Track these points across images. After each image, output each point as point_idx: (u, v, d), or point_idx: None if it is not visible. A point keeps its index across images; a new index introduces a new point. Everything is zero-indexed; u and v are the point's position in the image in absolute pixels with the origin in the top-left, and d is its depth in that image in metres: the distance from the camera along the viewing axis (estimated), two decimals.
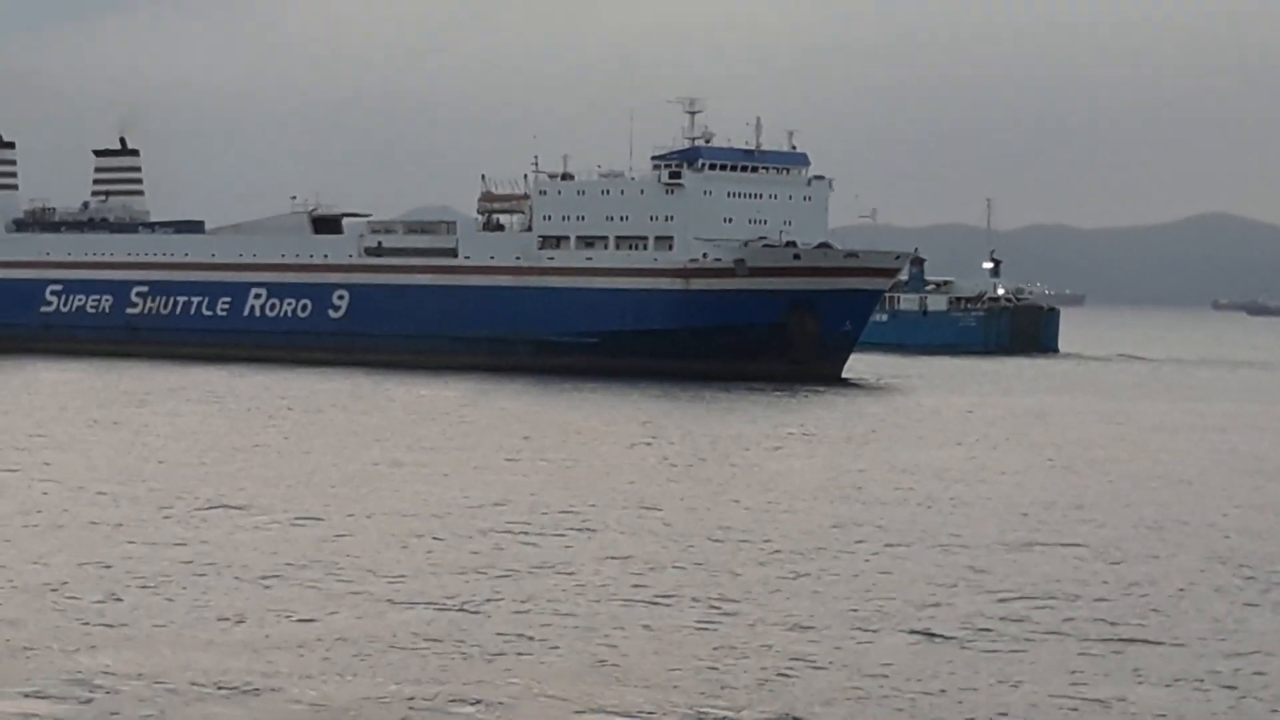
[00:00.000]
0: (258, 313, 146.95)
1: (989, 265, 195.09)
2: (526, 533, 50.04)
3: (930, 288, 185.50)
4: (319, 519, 52.05)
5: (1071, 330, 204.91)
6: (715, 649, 35.54)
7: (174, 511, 53.07)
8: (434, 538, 48.82)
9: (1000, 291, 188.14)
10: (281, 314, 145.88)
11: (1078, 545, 49.64)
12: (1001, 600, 41.13)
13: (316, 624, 37.24)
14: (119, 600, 39.42)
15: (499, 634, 36.51)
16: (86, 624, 36.84)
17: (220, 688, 31.81)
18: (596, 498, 57.78)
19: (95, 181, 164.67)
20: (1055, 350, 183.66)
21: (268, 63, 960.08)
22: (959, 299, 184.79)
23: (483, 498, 57.29)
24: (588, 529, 51.16)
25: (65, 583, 41.18)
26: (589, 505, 55.86)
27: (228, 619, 37.57)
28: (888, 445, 79.16)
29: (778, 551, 47.74)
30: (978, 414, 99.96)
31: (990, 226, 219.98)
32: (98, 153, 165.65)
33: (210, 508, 53.90)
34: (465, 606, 39.25)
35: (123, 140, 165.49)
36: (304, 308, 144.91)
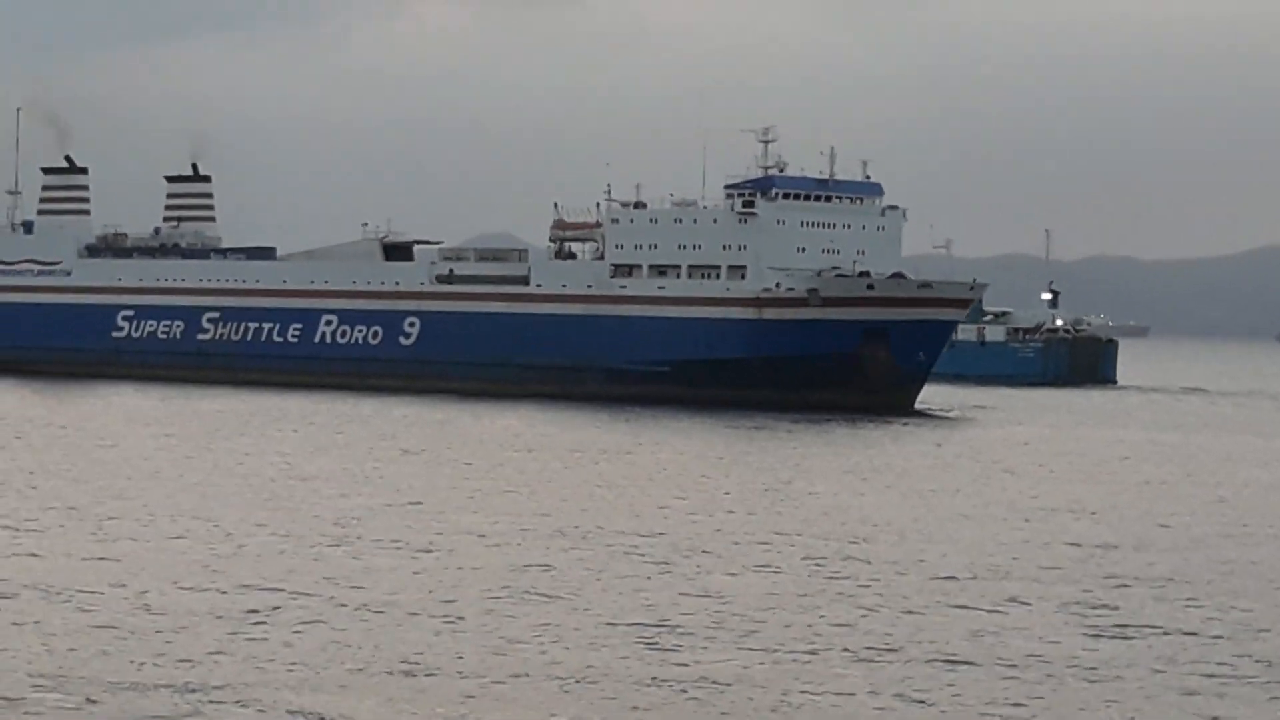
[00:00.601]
0: (329, 339, 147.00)
1: (1047, 296, 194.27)
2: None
3: (988, 318, 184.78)
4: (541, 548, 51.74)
5: (1134, 362, 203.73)
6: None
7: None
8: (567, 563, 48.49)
9: (1059, 322, 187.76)
10: (352, 341, 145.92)
11: None
12: None
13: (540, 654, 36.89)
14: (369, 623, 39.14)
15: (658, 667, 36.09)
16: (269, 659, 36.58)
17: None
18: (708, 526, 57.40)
19: (167, 207, 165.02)
20: (1114, 382, 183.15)
21: (338, 88, 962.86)
22: (1017, 329, 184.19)
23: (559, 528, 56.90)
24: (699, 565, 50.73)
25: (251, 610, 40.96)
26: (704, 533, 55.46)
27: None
28: (1026, 480, 78.01)
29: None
30: (1080, 447, 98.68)
31: (1049, 257, 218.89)
32: (170, 179, 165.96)
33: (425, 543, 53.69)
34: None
35: (194, 166, 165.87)
36: (375, 335, 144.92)
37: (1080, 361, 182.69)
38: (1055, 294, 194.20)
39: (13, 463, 74.08)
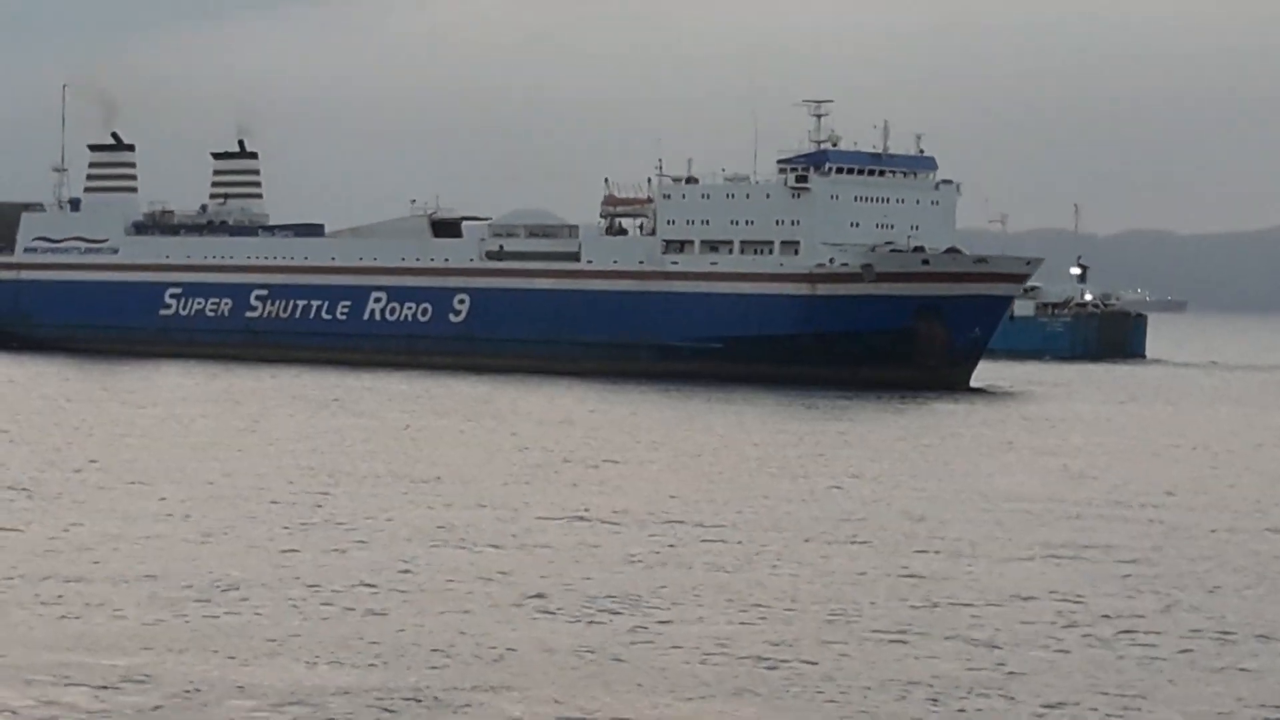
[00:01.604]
0: (377, 316, 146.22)
1: (1076, 271, 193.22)
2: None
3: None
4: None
5: (1170, 336, 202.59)
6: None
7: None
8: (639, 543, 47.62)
9: (1088, 297, 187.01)
10: (401, 318, 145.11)
11: None
12: None
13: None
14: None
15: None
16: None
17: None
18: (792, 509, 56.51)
19: (214, 184, 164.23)
20: (1143, 356, 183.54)
21: (377, 65, 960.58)
22: (1046, 304, 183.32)
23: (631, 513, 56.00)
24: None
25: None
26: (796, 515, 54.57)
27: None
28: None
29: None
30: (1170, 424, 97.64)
31: (1078, 231, 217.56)
32: (216, 155, 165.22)
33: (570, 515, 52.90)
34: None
35: (241, 143, 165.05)
36: (424, 312, 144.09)
37: (1109, 336, 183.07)
38: (1084, 268, 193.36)
39: (83, 444, 73.49)
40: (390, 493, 58.39)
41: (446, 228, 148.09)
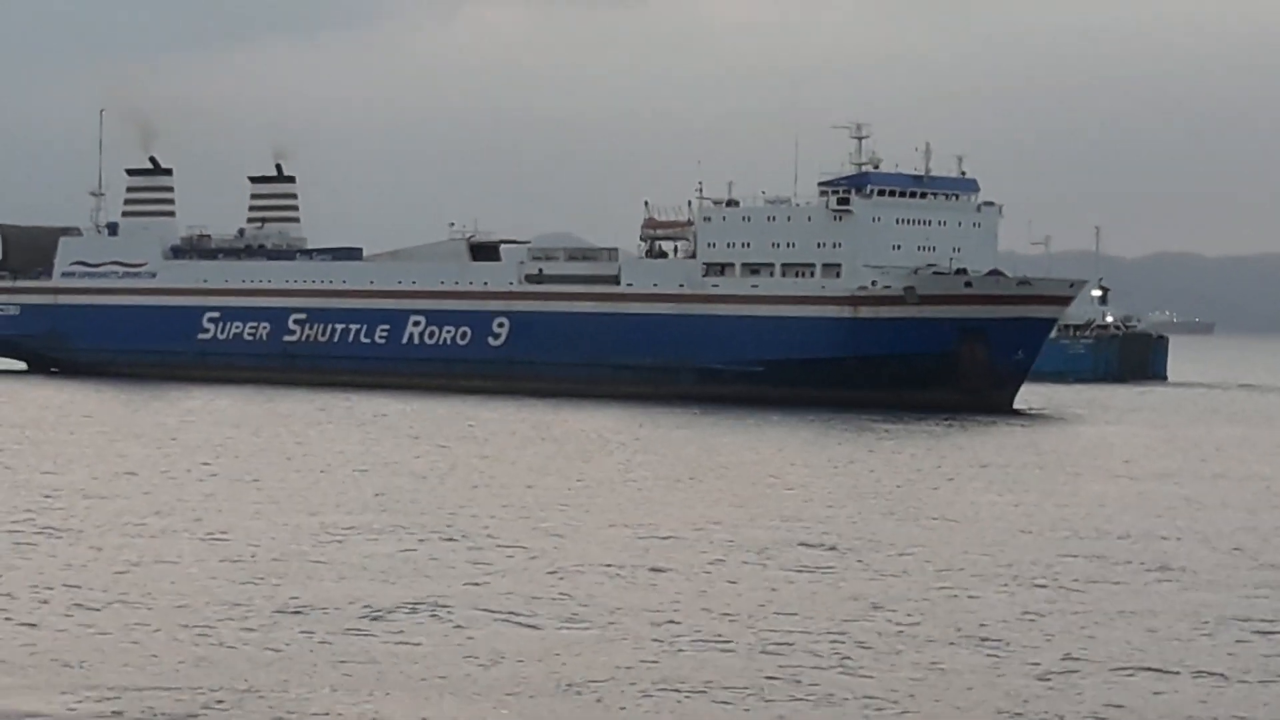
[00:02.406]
0: (416, 340, 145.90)
1: (1097, 293, 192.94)
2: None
3: None
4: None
5: (1192, 358, 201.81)
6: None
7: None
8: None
9: (1109, 319, 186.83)
10: (440, 341, 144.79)
11: None
12: None
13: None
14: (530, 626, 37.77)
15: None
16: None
17: None
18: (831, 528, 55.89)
19: (251, 208, 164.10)
20: (1164, 378, 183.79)
21: (415, 85, 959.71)
22: (1067, 326, 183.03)
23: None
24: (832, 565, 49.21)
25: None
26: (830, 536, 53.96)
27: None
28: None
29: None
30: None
31: (1099, 252, 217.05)
32: (254, 179, 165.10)
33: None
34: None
35: (279, 166, 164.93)
36: (463, 335, 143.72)
37: (1130, 358, 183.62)
38: (1105, 290, 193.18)
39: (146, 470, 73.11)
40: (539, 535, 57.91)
41: (485, 251, 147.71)
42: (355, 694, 33.02)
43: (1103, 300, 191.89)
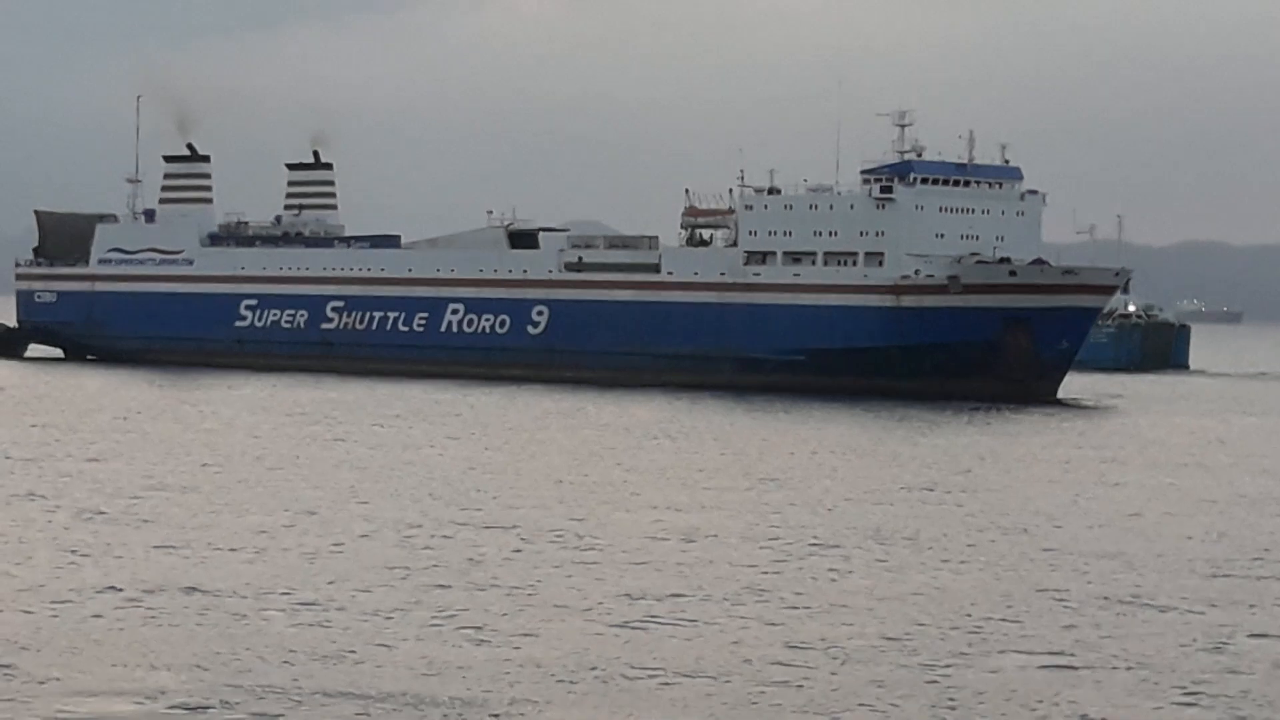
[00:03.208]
0: (455, 328, 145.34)
1: None
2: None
3: None
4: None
5: (1213, 347, 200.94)
6: None
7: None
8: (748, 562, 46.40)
9: (1131, 308, 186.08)
10: (479, 330, 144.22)
11: None
12: None
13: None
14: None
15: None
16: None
17: None
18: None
19: (288, 195, 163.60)
20: (1186, 367, 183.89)
21: (453, 73, 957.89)
22: None
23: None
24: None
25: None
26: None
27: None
28: None
29: None
30: None
31: (1122, 240, 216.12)
32: (290, 166, 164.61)
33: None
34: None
35: (316, 153, 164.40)
36: (502, 323, 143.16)
37: (1152, 347, 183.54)
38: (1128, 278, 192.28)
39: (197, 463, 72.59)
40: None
41: (523, 239, 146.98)
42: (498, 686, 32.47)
43: (1124, 289, 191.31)
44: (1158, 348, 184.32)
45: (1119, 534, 54.84)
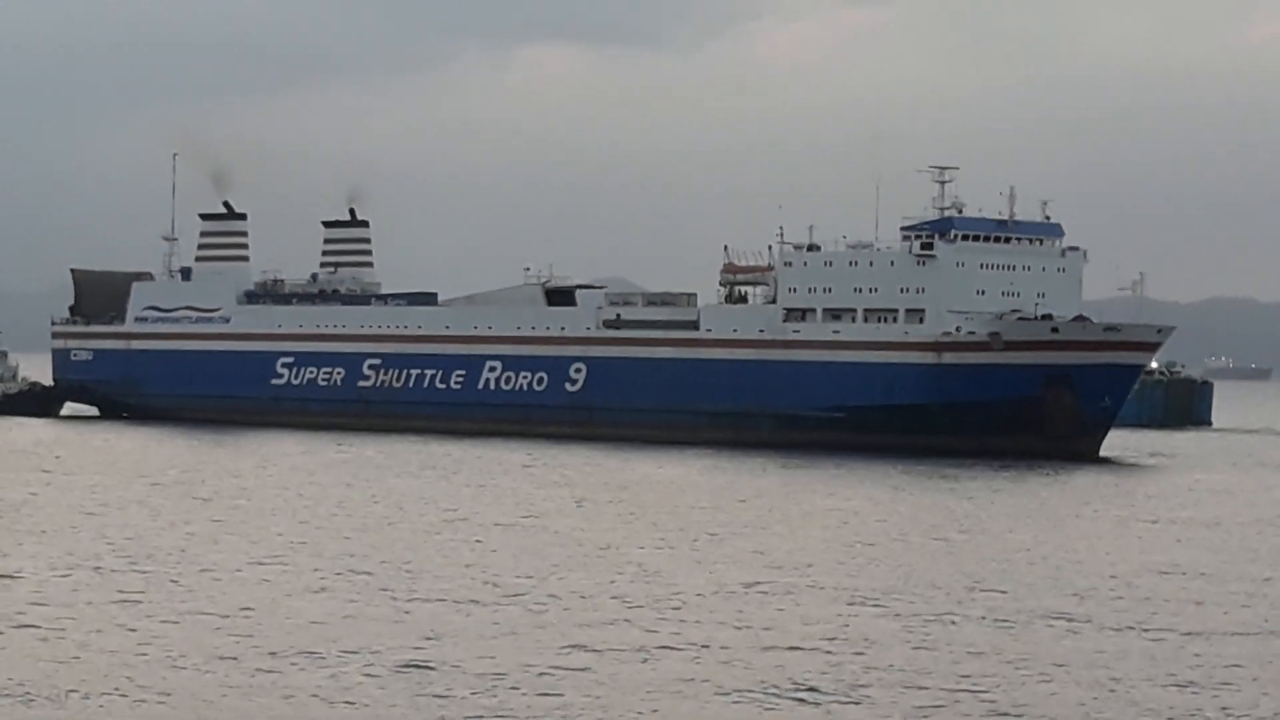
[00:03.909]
0: (493, 385, 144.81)
1: None
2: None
3: None
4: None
5: (1236, 404, 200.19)
6: None
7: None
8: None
9: (1154, 365, 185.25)
10: (517, 387, 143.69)
11: None
12: None
13: None
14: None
15: None
16: None
17: None
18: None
19: (324, 253, 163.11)
20: (1209, 424, 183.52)
21: (490, 130, 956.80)
22: None
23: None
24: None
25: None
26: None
27: None
28: None
29: None
30: None
31: (1143, 296, 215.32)
32: (326, 224, 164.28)
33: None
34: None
35: (352, 210, 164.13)
36: (540, 381, 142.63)
37: (1175, 404, 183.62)
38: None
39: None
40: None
41: (560, 296, 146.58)
42: None
43: None
44: (1181, 404, 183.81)
45: None
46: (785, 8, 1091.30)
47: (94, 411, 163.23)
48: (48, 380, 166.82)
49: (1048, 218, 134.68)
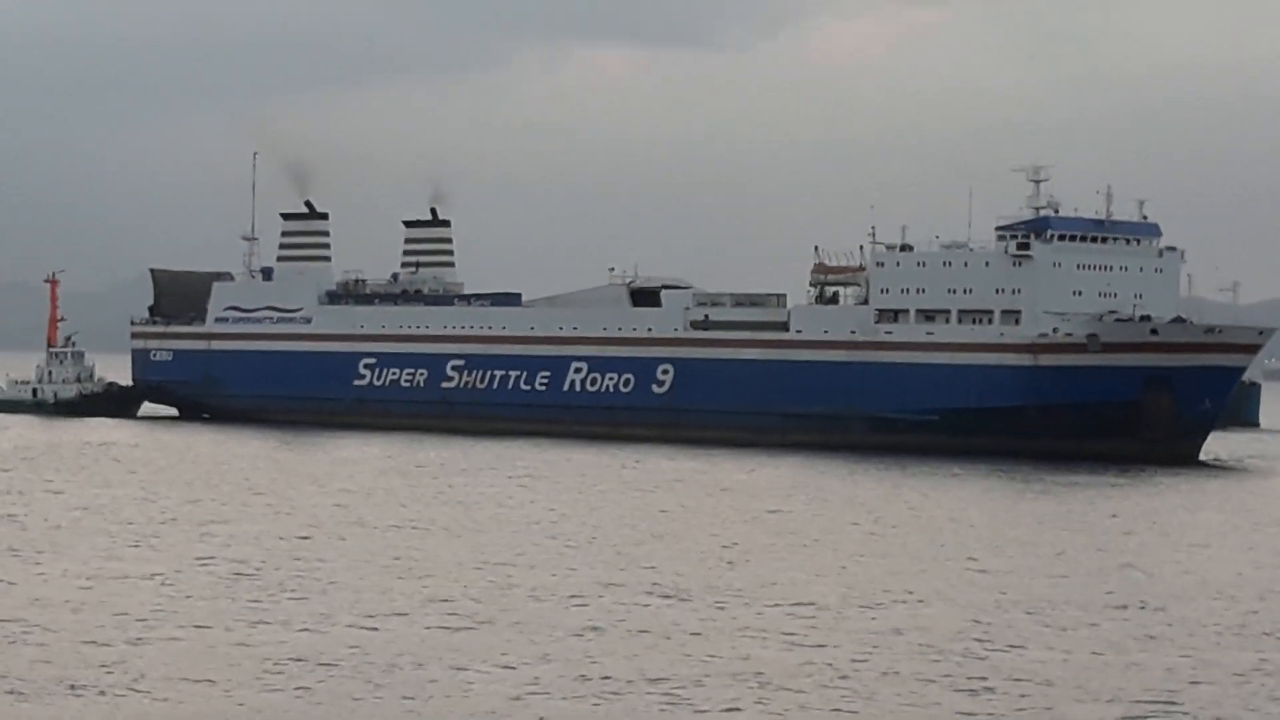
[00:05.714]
0: (578, 387, 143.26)
1: None
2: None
3: None
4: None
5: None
6: None
7: None
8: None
9: None
10: (603, 389, 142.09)
11: None
12: None
13: None
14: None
15: None
16: None
17: None
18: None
19: (405, 253, 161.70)
20: (1256, 424, 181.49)
21: (552, 128, 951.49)
22: None
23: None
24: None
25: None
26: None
27: None
28: None
29: None
30: None
31: (1191, 294, 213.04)
32: (408, 223, 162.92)
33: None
34: None
35: (434, 210, 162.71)
36: (626, 382, 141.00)
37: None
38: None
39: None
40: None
41: (645, 296, 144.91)
42: None
43: None
44: (1229, 405, 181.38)
45: None
46: (841, 6, 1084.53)
47: (173, 412, 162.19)
48: (124, 380, 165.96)
49: (1145, 217, 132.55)
